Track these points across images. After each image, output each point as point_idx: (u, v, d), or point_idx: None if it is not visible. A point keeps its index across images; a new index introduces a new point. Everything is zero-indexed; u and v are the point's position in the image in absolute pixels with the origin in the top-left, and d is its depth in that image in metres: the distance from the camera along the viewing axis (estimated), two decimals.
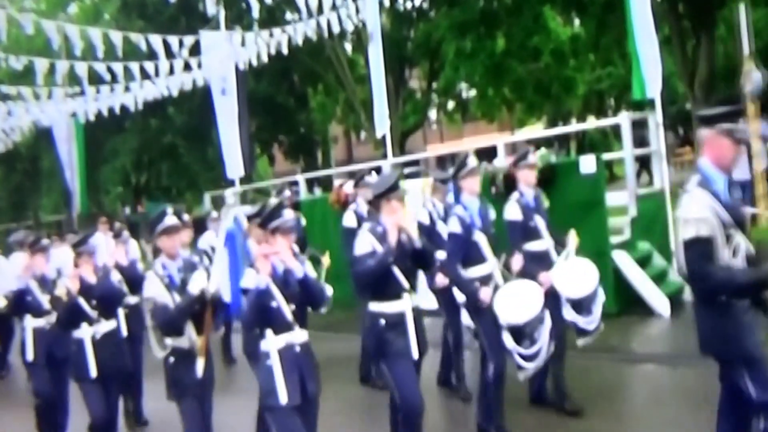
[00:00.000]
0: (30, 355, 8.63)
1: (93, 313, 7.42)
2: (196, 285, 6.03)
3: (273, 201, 14.67)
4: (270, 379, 5.55)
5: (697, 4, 19.46)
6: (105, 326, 7.52)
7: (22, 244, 13.70)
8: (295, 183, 18.02)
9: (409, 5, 27.75)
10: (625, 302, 10.71)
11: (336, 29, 17.36)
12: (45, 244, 9.07)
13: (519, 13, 23.40)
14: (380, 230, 6.13)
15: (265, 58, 17.37)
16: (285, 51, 17.24)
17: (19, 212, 41.52)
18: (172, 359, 6.18)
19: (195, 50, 17.12)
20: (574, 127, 32.47)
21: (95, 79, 16.81)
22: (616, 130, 13.75)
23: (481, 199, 7.29)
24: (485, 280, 7.07)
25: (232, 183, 19.00)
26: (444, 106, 37.02)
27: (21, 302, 8.82)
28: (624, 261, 10.96)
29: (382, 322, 6.11)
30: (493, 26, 23.93)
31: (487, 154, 13.76)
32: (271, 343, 5.59)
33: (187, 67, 17.33)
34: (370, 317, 6.22)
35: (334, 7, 16.30)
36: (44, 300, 8.60)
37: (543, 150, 12.59)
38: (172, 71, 17.10)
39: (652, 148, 12.29)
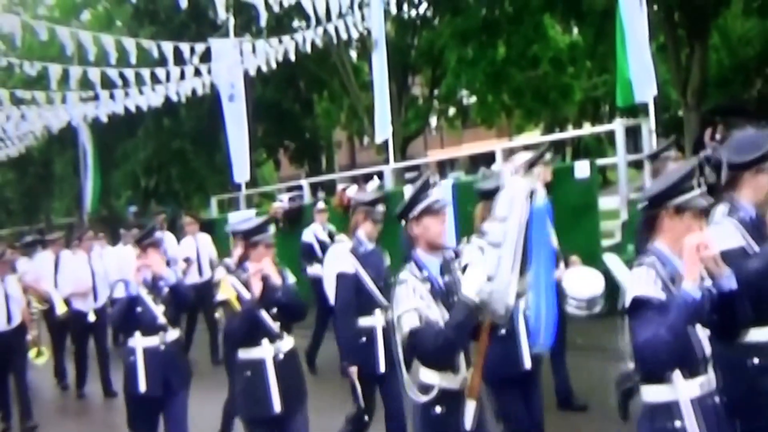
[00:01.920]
0: (142, 385, 6.84)
1: (275, 326, 5.78)
2: (473, 285, 4.02)
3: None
4: None
5: (692, 13, 19.80)
6: (287, 343, 5.93)
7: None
8: (300, 187, 18.41)
9: (413, 13, 28.15)
10: (614, 303, 11.07)
11: (342, 37, 17.66)
12: (158, 237, 7.40)
13: (520, 21, 23.69)
14: (744, 216, 4.46)
15: (273, 65, 17.69)
16: (292, 58, 17.54)
17: (31, 215, 41.90)
18: (438, 409, 4.28)
19: (205, 57, 17.45)
20: (569, 133, 32.93)
21: (108, 84, 17.08)
22: (610, 136, 14.15)
23: None
24: None
25: (238, 187, 19.41)
26: (445, 113, 37.32)
27: (129, 315, 6.91)
28: (614, 263, 11.33)
29: (755, 360, 4.29)
30: (495, 35, 24.20)
31: (485, 159, 14.20)
32: (682, 390, 3.67)
33: (196, 73, 17.61)
34: (739, 354, 4.27)
35: (340, 15, 16.47)
36: (158, 311, 6.99)
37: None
38: (182, 77, 17.40)
39: (645, 154, 12.68)
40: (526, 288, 4.14)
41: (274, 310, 5.75)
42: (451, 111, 37.06)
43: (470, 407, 4.24)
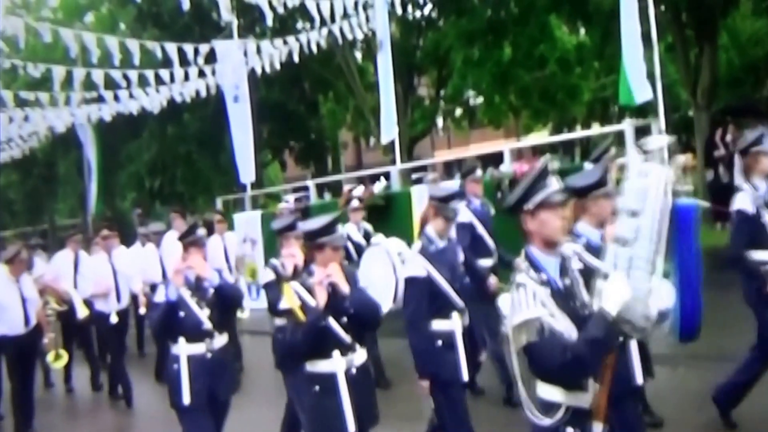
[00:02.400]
0: (186, 397, 6.27)
1: (346, 337, 5.23)
2: (615, 299, 3.41)
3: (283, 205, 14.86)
4: None
5: (700, 14, 19.71)
6: (360, 356, 5.35)
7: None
8: (306, 188, 18.34)
9: (418, 14, 28.03)
10: None
11: (347, 37, 17.57)
12: (201, 235, 6.70)
13: (525, 22, 23.65)
14: None
15: (277, 66, 17.59)
16: (296, 59, 17.43)
17: (34, 216, 41.92)
18: (570, 430, 3.70)
19: (209, 58, 17.37)
20: (578, 133, 32.75)
21: (112, 85, 17.02)
22: (619, 136, 13.99)
23: None
24: None
25: (244, 188, 19.35)
26: (452, 113, 37.21)
27: (171, 320, 6.32)
28: None
29: None
30: (500, 35, 24.17)
31: (493, 160, 14.05)
32: None
33: (201, 74, 17.55)
34: None
35: (345, 15, 16.43)
36: (203, 316, 6.43)
37: (548, 156, 12.88)
38: (186, 78, 17.33)
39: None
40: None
41: (345, 319, 5.19)
42: (458, 112, 36.96)
43: (598, 428, 3.66)
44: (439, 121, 40.67)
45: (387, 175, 16.28)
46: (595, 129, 31.88)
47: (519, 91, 27.18)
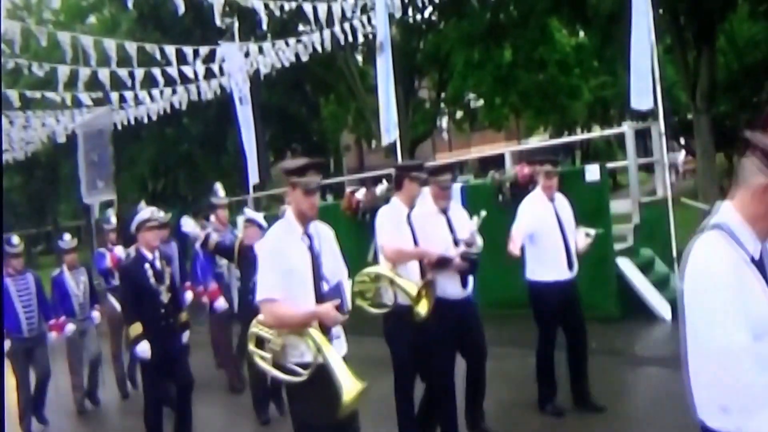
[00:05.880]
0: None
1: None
2: None
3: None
4: None
5: (698, 17, 19.73)
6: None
7: None
8: None
9: (418, 17, 28.08)
10: (628, 307, 10.95)
11: (349, 40, 17.61)
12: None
13: (525, 25, 23.71)
14: None
15: (278, 66, 17.72)
16: (298, 61, 17.54)
17: (38, 218, 41.83)
18: None
19: (209, 61, 17.41)
20: (579, 136, 32.77)
21: (116, 86, 16.99)
22: (620, 139, 13.98)
23: None
24: None
25: (246, 190, 19.40)
26: (453, 115, 37.30)
27: None
28: (627, 267, 11.22)
29: None
30: (500, 38, 24.28)
31: (494, 162, 14.12)
32: None
33: (205, 76, 17.59)
34: None
35: (345, 18, 16.55)
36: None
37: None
38: (188, 80, 17.34)
39: (655, 157, 12.58)
40: None
41: None
42: (459, 114, 37.02)
43: None
44: (442, 123, 40.72)
45: (389, 178, 16.32)
46: (596, 132, 31.98)
47: (519, 93, 27.22)
